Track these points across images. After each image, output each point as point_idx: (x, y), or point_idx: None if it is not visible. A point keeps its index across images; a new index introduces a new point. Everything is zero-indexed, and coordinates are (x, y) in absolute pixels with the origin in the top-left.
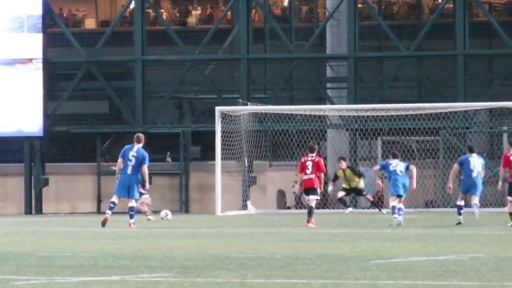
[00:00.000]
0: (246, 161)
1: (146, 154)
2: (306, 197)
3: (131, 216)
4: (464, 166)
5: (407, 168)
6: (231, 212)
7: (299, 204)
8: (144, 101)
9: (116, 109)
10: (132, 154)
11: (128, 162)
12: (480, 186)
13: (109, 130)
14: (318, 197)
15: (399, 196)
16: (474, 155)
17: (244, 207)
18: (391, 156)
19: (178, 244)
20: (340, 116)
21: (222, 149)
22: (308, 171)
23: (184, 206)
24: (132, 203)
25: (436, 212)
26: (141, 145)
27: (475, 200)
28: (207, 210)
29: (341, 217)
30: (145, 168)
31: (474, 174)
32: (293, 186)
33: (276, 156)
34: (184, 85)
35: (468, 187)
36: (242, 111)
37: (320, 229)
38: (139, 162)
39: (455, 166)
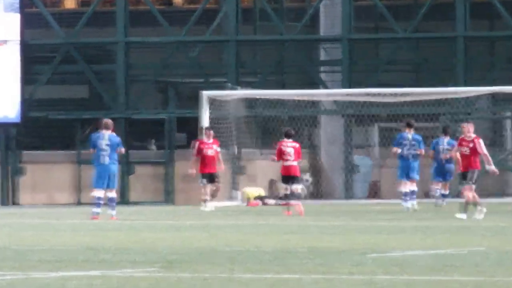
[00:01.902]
0: (235, 149)
1: (119, 139)
2: (284, 186)
3: (112, 208)
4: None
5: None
6: (218, 203)
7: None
8: (127, 85)
9: (97, 94)
10: (104, 143)
11: (102, 153)
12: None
13: (90, 116)
14: (302, 186)
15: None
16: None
17: (232, 198)
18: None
19: (162, 237)
20: (334, 101)
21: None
22: (290, 158)
23: (168, 196)
24: (112, 194)
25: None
26: (110, 131)
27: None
28: (193, 201)
29: (333, 208)
30: (121, 151)
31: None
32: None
33: (266, 144)
34: (169, 68)
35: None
36: (230, 96)
37: (312, 221)
38: (115, 149)
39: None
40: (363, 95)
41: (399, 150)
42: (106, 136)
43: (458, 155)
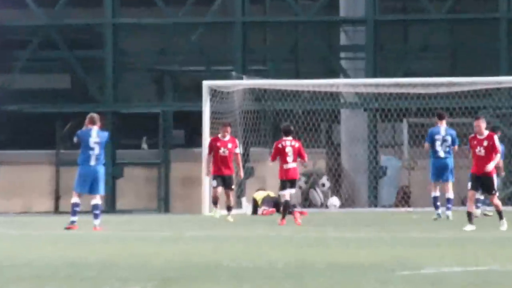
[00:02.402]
0: (241, 149)
1: (108, 134)
2: (285, 191)
3: (96, 216)
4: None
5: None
6: (222, 211)
7: (307, 200)
8: (116, 74)
9: (81, 84)
10: (93, 140)
11: (90, 152)
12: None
13: (72, 110)
14: (295, 190)
15: None
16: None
17: (239, 204)
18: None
19: (156, 250)
20: (357, 93)
21: (212, 133)
22: (289, 159)
23: (164, 203)
24: (96, 200)
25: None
26: (97, 127)
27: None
28: (192, 208)
29: (356, 217)
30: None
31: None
32: (299, 179)
33: None
34: (165, 55)
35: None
36: (236, 86)
37: (332, 232)
38: (103, 148)
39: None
40: (390, 86)
41: (426, 146)
42: (94, 133)
43: (472, 157)
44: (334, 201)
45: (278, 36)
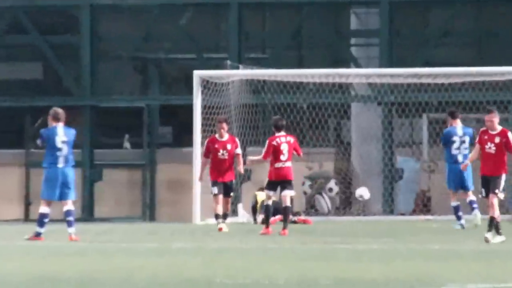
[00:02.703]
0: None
1: (74, 131)
2: (271, 193)
3: (70, 224)
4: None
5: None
6: (214, 219)
7: (312, 208)
8: (94, 63)
9: (54, 74)
10: (60, 139)
11: (57, 153)
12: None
13: (44, 104)
14: (294, 193)
15: None
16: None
17: (234, 212)
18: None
19: (140, 264)
20: (370, 85)
21: (203, 131)
22: (283, 157)
23: (149, 210)
24: (69, 206)
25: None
26: (62, 124)
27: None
28: (181, 217)
29: (368, 226)
30: None
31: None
32: (303, 184)
33: None
34: (149, 41)
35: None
36: (231, 77)
37: (340, 243)
38: (72, 147)
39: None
40: (408, 77)
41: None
42: (60, 131)
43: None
44: (363, 192)
45: (279, 19)
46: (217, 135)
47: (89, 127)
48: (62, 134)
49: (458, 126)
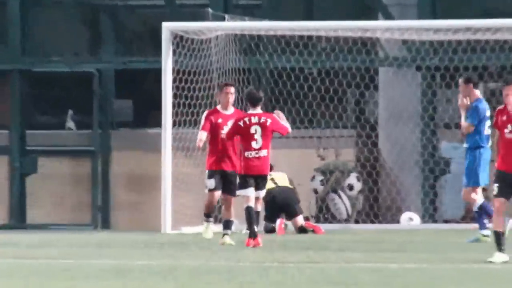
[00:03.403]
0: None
1: None
2: (249, 191)
3: None
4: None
5: None
6: (192, 228)
7: (325, 210)
8: (24, 12)
9: None
10: None
11: None
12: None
13: None
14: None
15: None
16: None
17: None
18: None
19: (89, 287)
20: (404, 43)
21: (176, 105)
22: (255, 144)
23: (101, 215)
24: None
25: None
26: None
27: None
28: (146, 224)
29: (404, 237)
30: None
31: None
32: (313, 179)
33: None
34: None
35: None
36: (214, 31)
37: (363, 261)
38: None
39: None
40: (457, 32)
41: (471, 129)
42: None
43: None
44: (413, 215)
45: None
46: (219, 107)
47: (19, 100)
48: None
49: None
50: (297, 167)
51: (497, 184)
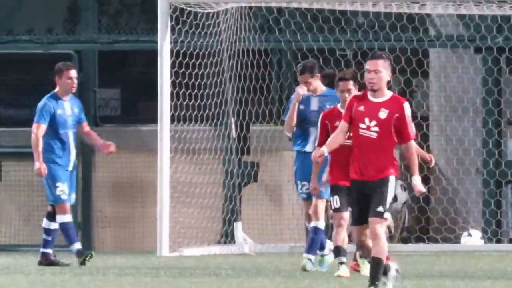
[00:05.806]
0: (233, 128)
1: None
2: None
3: None
4: None
5: None
6: (193, 249)
7: None
8: None
9: None
10: None
11: None
12: None
13: None
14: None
15: None
16: None
17: (229, 237)
18: None
19: None
20: (461, 18)
21: (175, 96)
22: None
23: (81, 234)
24: None
25: None
26: None
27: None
28: (137, 244)
29: (458, 259)
30: None
31: None
32: None
33: None
34: None
35: None
36: (222, 3)
37: None
38: None
39: None
40: None
41: None
42: None
43: None
44: (475, 233)
45: None
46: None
47: None
48: None
49: None
50: None
51: None
